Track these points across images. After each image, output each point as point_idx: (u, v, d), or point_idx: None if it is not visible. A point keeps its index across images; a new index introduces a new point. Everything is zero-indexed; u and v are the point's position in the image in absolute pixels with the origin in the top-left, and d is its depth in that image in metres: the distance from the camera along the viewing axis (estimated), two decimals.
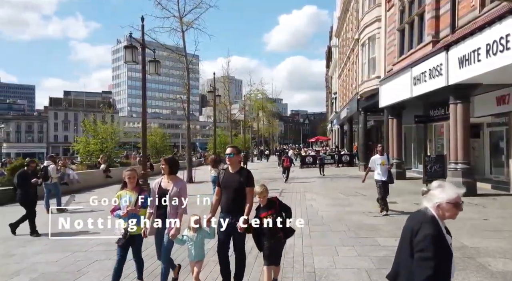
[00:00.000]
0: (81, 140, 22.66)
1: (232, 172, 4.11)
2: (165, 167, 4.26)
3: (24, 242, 6.84)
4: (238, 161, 4.21)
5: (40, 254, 5.93)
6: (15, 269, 5.17)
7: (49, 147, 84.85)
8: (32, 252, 6.08)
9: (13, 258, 5.76)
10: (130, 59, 12.73)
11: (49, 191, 10.40)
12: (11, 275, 4.93)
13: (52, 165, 10.70)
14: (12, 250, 6.23)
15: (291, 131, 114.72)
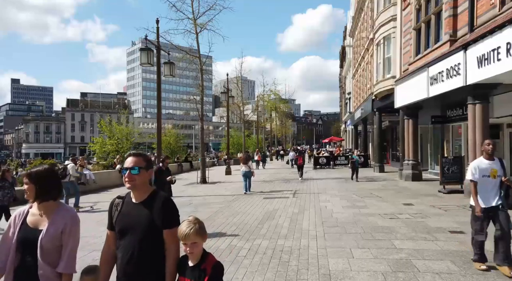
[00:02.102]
0: (98, 141, 23.16)
1: (137, 202, 2.26)
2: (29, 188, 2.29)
3: None
4: (145, 182, 2.29)
5: None
6: None
7: (67, 147, 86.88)
8: None
9: None
10: (145, 61, 12.92)
11: (67, 191, 10.62)
12: None
13: (71, 164, 10.98)
14: None
15: (304, 132, 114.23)
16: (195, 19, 16.69)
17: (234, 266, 5.14)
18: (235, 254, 5.69)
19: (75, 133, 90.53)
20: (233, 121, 66.36)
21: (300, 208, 9.63)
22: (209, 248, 6.07)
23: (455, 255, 5.21)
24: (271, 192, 13.09)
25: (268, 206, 10.11)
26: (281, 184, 15.87)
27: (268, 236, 6.78)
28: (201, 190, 15.12)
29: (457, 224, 7.20)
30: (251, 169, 13.16)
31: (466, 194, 10.41)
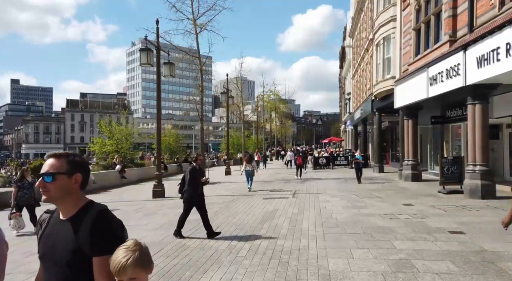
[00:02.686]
0: (97, 141, 23.12)
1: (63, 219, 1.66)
2: None
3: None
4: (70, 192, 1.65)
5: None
6: (35, 269, 5.31)
7: (66, 148, 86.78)
8: None
9: (34, 257, 5.91)
10: (145, 62, 12.93)
11: None
12: (32, 273, 5.07)
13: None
14: (34, 249, 6.40)
15: (303, 132, 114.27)
16: (195, 20, 16.72)
17: (234, 266, 5.14)
18: (235, 254, 5.69)
19: (75, 133, 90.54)
20: (232, 122, 66.33)
21: (299, 208, 9.63)
22: (209, 248, 6.08)
23: (455, 256, 5.21)
24: (271, 192, 13.09)
25: (268, 206, 10.10)
26: (281, 184, 15.87)
27: (268, 236, 6.77)
28: (203, 189, 15.10)
29: (456, 224, 7.20)
30: (254, 168, 14.24)
31: (466, 194, 10.42)
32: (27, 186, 8.03)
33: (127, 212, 10.25)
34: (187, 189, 7.18)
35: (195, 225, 7.79)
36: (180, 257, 5.68)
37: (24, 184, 8.01)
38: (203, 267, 5.15)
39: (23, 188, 7.97)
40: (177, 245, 6.39)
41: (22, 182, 8.03)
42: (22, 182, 8.03)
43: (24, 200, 7.92)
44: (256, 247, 6.05)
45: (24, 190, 7.95)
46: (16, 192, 7.88)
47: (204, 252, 5.90)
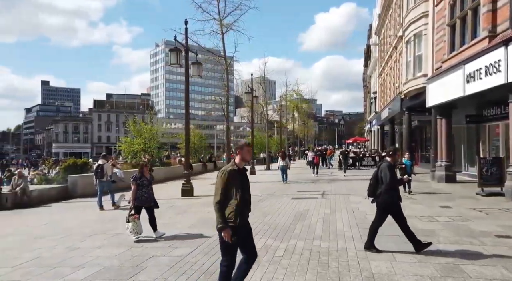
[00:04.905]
0: (125, 140, 23.70)
1: None
2: None
3: (84, 236, 7.21)
4: None
5: (100, 249, 6.21)
6: (80, 262, 5.45)
7: (93, 147, 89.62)
8: (93, 246, 6.39)
9: (77, 251, 6.09)
10: (174, 62, 13.10)
11: (102, 188, 10.88)
12: (77, 267, 5.21)
13: (107, 163, 11.26)
14: (76, 244, 6.59)
15: (325, 132, 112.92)
16: (221, 20, 16.77)
17: (272, 266, 5.08)
18: (272, 254, 5.63)
19: (102, 133, 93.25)
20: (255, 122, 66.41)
21: (331, 209, 9.46)
22: None
23: (507, 261, 4.93)
24: (298, 193, 12.96)
25: (298, 206, 9.99)
26: (308, 185, 15.70)
27: (302, 236, 6.68)
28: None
29: (501, 228, 6.85)
30: (287, 163, 16.06)
31: (508, 196, 9.92)
32: (146, 183, 7.00)
33: (159, 210, 10.37)
34: (385, 190, 5.56)
35: None
36: (217, 255, 5.64)
37: (143, 182, 6.94)
38: None
39: (142, 186, 6.92)
40: (212, 243, 6.39)
41: (141, 180, 6.94)
42: (141, 179, 6.95)
43: (144, 199, 6.89)
44: (293, 247, 5.97)
45: (143, 189, 6.92)
46: (135, 190, 6.82)
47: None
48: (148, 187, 6.98)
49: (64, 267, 5.24)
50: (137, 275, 4.84)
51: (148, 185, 7.00)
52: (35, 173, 16.87)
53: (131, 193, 6.83)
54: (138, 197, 6.84)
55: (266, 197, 12.18)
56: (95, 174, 10.92)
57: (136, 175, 6.97)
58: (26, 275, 4.97)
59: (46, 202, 12.64)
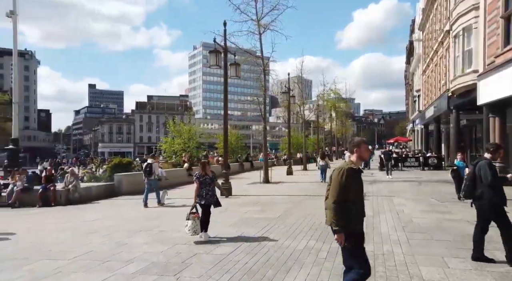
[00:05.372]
0: (166, 140, 24.53)
1: None
2: None
3: (131, 233, 7.54)
4: None
5: (147, 245, 6.45)
6: (129, 257, 5.70)
7: (136, 147, 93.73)
8: (140, 242, 6.66)
9: (125, 247, 6.37)
10: (214, 63, 13.34)
11: (150, 187, 11.29)
12: (127, 262, 5.45)
13: (155, 162, 11.70)
14: (124, 239, 6.90)
15: (364, 132, 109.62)
16: (259, 20, 16.85)
17: (316, 268, 5.00)
18: (315, 256, 5.54)
19: (143, 133, 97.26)
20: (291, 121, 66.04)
21: (374, 211, 9.15)
22: (287, 248, 6.00)
23: None
24: None
25: None
26: None
27: None
28: (266, 189, 15.20)
29: None
30: (327, 163, 16.29)
31: None
32: (209, 181, 6.81)
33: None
34: (487, 191, 4.87)
35: (265, 225, 7.79)
36: (259, 255, 5.69)
37: (205, 180, 6.78)
38: (284, 266, 5.08)
39: (205, 184, 6.74)
40: (253, 243, 6.41)
41: (204, 178, 6.79)
42: (204, 177, 6.80)
43: (207, 198, 6.75)
44: (336, 249, 5.82)
45: (206, 187, 6.75)
46: (198, 188, 6.70)
47: (282, 251, 5.83)
48: (210, 186, 6.81)
49: (115, 261, 5.50)
50: (182, 272, 4.97)
51: (210, 183, 6.82)
52: (84, 171, 17.95)
53: (195, 191, 6.74)
54: (202, 195, 6.69)
55: (306, 197, 12.04)
56: (144, 173, 11.32)
57: (198, 173, 6.84)
58: (82, 267, 5.28)
59: (94, 199, 13.36)
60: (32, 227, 8.81)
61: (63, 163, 41.97)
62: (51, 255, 5.99)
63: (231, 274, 4.85)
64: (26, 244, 6.87)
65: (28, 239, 7.35)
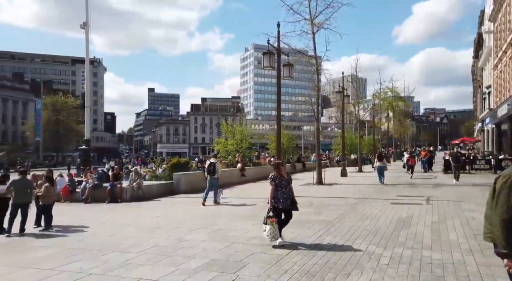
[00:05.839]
0: (220, 141, 25.26)
1: None
2: None
3: (191, 229, 7.87)
4: None
5: (206, 242, 6.69)
6: (190, 253, 5.95)
7: (191, 147, 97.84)
8: (199, 239, 6.92)
9: (186, 243, 6.67)
10: (267, 65, 13.43)
11: (211, 185, 11.66)
12: (188, 258, 5.69)
13: (218, 162, 12.10)
14: (185, 236, 7.23)
15: (425, 132, 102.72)
16: (312, 19, 16.63)
17: (378, 274, 4.79)
18: (376, 261, 5.31)
19: (198, 134, 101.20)
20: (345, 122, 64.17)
21: (439, 216, 8.55)
22: (344, 251, 5.83)
23: None
24: (398, 197, 12.04)
25: (399, 212, 9.28)
26: (409, 189, 14.49)
27: (408, 245, 6.15)
28: (319, 191, 14.95)
29: None
30: (384, 164, 16.13)
31: None
32: (285, 184, 6.34)
33: (255, 208, 10.78)
34: None
35: (321, 228, 7.65)
36: (317, 257, 5.60)
37: (281, 182, 6.30)
38: (344, 270, 4.94)
39: (281, 187, 6.25)
40: (311, 244, 6.34)
41: (280, 180, 6.30)
42: (280, 179, 6.31)
43: (283, 201, 6.23)
44: (399, 256, 5.55)
45: (282, 189, 6.27)
46: (274, 191, 6.23)
47: (341, 255, 5.68)
48: (287, 188, 6.33)
49: (177, 257, 5.77)
50: (241, 270, 5.06)
51: (286, 185, 6.35)
52: (146, 170, 19.14)
53: (270, 193, 6.27)
54: (278, 199, 6.23)
55: (362, 200, 11.62)
56: (208, 172, 11.70)
57: (274, 175, 6.38)
58: (148, 260, 5.62)
59: (155, 197, 14.17)
60: (104, 221, 9.59)
61: (126, 162, 45.12)
62: (121, 247, 6.47)
63: (290, 274, 4.84)
64: (99, 237, 7.50)
65: (101, 232, 8.02)
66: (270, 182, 6.36)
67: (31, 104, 59.37)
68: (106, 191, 13.38)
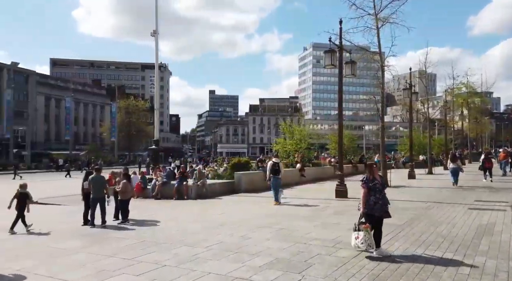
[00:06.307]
0: (279, 141, 25.31)
1: None
2: None
3: (254, 228, 8.02)
4: None
5: (270, 241, 6.76)
6: (255, 251, 6.06)
7: (249, 147, 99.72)
8: (263, 237, 7.02)
9: (250, 241, 6.81)
10: (329, 63, 13.14)
11: (275, 186, 11.75)
12: (253, 255, 5.81)
13: (281, 162, 12.23)
14: (248, 234, 7.39)
15: (506, 131, 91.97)
16: (377, 14, 15.89)
17: None
18: (454, 271, 4.91)
19: (256, 134, 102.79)
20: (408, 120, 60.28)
21: None
22: (416, 258, 5.47)
23: None
24: (477, 202, 10.98)
25: (479, 218, 8.45)
26: (488, 194, 13.14)
27: (492, 254, 5.59)
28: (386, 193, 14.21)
29: None
30: (459, 166, 15.53)
31: None
32: (380, 188, 5.70)
33: (315, 209, 10.64)
34: None
35: (389, 232, 7.26)
36: (386, 262, 5.34)
37: (375, 186, 5.66)
38: (418, 278, 4.66)
39: (375, 191, 5.63)
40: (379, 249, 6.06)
41: (373, 183, 5.68)
42: (374, 182, 5.69)
43: (377, 207, 5.59)
44: (481, 266, 5.07)
45: (376, 194, 5.62)
46: (367, 195, 5.66)
47: (412, 261, 5.35)
48: (381, 193, 5.68)
49: (242, 253, 5.92)
50: (307, 270, 5.02)
51: (381, 189, 5.72)
52: (209, 169, 19.89)
53: (362, 197, 5.70)
54: (370, 204, 5.60)
55: (434, 204, 10.81)
56: (273, 171, 11.85)
57: (367, 177, 5.77)
58: (215, 256, 5.85)
59: (218, 195, 14.66)
60: (173, 217, 10.18)
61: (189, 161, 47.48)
62: (190, 242, 6.81)
63: (358, 278, 4.69)
64: (170, 231, 7.99)
65: (170, 227, 8.53)
66: (362, 185, 5.74)
67: (107, 107, 65.44)
68: (173, 188, 14.19)
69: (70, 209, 11.91)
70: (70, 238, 7.61)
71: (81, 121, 64.47)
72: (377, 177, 5.86)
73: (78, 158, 48.34)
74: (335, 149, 32.84)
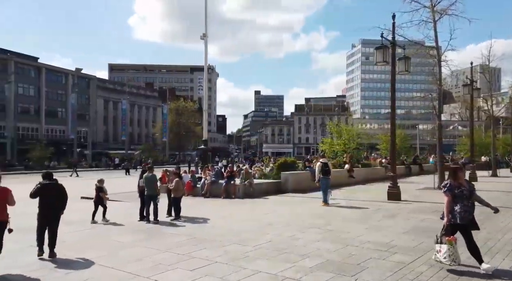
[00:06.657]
0: (327, 141, 24.83)
1: None
2: None
3: (302, 228, 7.94)
4: None
5: (319, 242, 6.65)
6: (304, 251, 6.00)
7: (295, 147, 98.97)
8: (312, 238, 6.93)
9: (299, 241, 6.75)
10: (380, 60, 12.65)
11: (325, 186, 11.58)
12: (303, 256, 5.76)
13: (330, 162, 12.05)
14: (297, 234, 7.34)
15: None
16: (434, 6, 14.97)
17: None
18: None
19: (301, 134, 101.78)
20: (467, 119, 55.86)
21: None
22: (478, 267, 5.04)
23: None
24: None
25: None
26: None
27: None
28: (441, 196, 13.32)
29: None
30: None
31: None
32: (467, 195, 4.97)
33: (366, 211, 10.27)
34: None
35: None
36: (446, 270, 5.00)
37: (462, 192, 4.95)
38: None
39: (462, 199, 4.93)
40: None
41: (459, 189, 4.96)
42: (460, 189, 4.97)
43: (462, 217, 4.88)
44: None
45: (463, 202, 4.92)
46: (451, 203, 4.94)
47: (476, 270, 4.95)
48: (468, 201, 4.96)
49: (291, 254, 5.88)
50: (360, 274, 4.87)
51: (468, 197, 4.97)
52: (256, 169, 20.06)
53: (445, 206, 5.02)
54: (455, 214, 4.94)
55: (502, 209, 9.87)
56: (323, 172, 11.71)
57: (450, 183, 5.06)
58: (265, 255, 5.88)
59: (265, 194, 14.72)
60: (222, 215, 10.40)
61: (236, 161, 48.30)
62: (239, 240, 6.92)
63: None
64: (220, 229, 8.17)
65: (220, 225, 8.73)
66: (445, 192, 5.05)
67: (159, 109, 68.86)
68: (221, 187, 14.51)
69: (129, 206, 12.69)
70: (129, 232, 8.11)
71: (136, 122, 68.64)
72: (463, 183, 5.12)
73: (132, 157, 51.40)
74: (386, 149, 31.50)
